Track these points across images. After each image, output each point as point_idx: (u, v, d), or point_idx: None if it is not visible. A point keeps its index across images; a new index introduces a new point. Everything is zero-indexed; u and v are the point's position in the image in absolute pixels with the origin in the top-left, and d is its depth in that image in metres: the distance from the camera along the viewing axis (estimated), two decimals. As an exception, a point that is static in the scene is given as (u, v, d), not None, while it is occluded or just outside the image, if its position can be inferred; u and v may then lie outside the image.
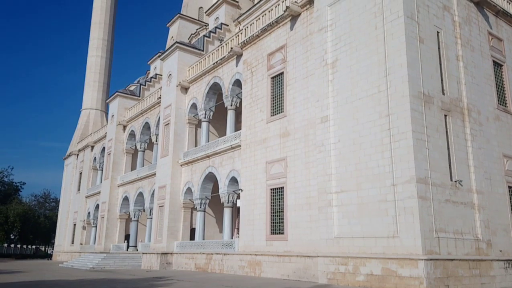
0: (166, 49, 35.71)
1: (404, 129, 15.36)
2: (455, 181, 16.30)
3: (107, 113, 57.09)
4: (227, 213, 26.44)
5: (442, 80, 17.20)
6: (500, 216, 17.86)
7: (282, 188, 21.15)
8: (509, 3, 22.73)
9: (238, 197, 24.55)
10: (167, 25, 46.79)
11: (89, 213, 46.57)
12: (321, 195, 18.13)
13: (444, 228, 15.23)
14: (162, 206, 30.26)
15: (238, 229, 26.40)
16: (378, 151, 16.16)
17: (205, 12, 40.67)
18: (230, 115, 27.65)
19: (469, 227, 16.32)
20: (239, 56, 26.52)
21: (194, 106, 30.95)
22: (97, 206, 44.07)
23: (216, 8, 37.42)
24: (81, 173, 52.24)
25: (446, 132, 16.71)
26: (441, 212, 15.28)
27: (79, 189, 51.62)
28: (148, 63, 49.05)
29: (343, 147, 17.65)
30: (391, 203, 15.31)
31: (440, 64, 17.36)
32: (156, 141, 34.84)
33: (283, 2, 23.31)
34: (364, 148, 16.72)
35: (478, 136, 18.00)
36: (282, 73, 22.54)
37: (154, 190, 32.60)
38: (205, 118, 29.86)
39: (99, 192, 43.55)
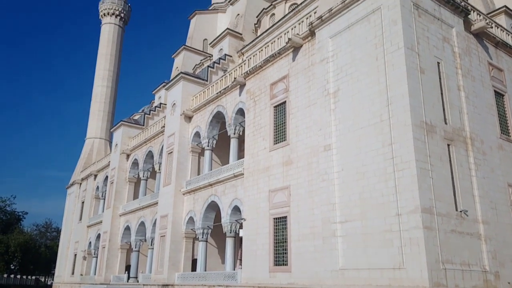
0: (170, 79, 36.32)
1: (407, 158, 15.32)
2: (461, 211, 16.09)
3: (111, 142, 57.39)
4: (229, 243, 26.05)
5: (444, 109, 17.29)
6: (508, 247, 17.50)
7: (285, 217, 20.91)
8: (508, 34, 23.14)
9: (241, 227, 24.25)
10: (172, 56, 47.75)
11: (90, 243, 46.00)
12: (325, 225, 17.89)
13: (451, 259, 14.91)
14: (164, 235, 29.89)
15: (240, 259, 25.92)
16: (381, 180, 16.06)
17: (210, 44, 41.58)
18: (233, 143, 27.74)
19: (476, 258, 15.96)
20: (242, 85, 26.88)
21: (197, 134, 31.13)
22: (98, 236, 43.59)
23: (220, 40, 38.27)
24: (83, 202, 52.00)
25: (450, 161, 16.64)
26: (447, 243, 15.00)
27: (80, 219, 51.23)
28: (153, 92, 49.77)
29: (346, 176, 17.57)
30: (396, 233, 15.07)
31: (442, 94, 17.49)
32: (159, 169, 34.83)
33: (285, 34, 23.82)
34: (367, 177, 16.63)
35: (482, 165, 17.89)
36: (284, 102, 22.75)
37: (156, 220, 32.31)
38: (208, 146, 29.96)
39: (101, 222, 43.17)
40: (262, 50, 25.55)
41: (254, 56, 26.22)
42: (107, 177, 44.99)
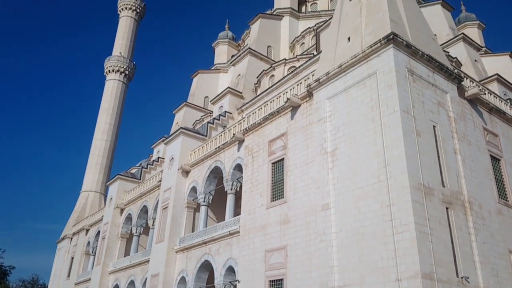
0: (170, 133, 36.72)
1: (406, 221, 15.07)
2: (462, 277, 15.55)
3: (105, 196, 56.71)
4: (222, 305, 24.83)
5: (441, 172, 17.33)
6: (514, 318, 16.71)
7: (281, 280, 20.12)
8: (501, 101, 23.84)
9: (235, 288, 23.26)
10: (173, 112, 48.68)
11: (75, 301, 43.85)
12: (322, 289, 17.16)
13: (455, 330, 14.15)
14: (154, 295, 28.56)
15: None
16: (381, 243, 15.68)
17: (211, 101, 42.59)
18: (230, 199, 27.43)
19: (482, 330, 15.16)
20: (241, 141, 27.14)
21: (194, 189, 30.86)
22: (84, 294, 41.63)
23: (221, 98, 39.27)
24: (73, 258, 50.25)
25: (449, 225, 16.37)
26: (450, 312, 14.32)
27: (69, 275, 49.19)
28: (152, 147, 50.04)
29: (345, 237, 17.17)
30: (396, 299, 14.43)
31: (438, 156, 17.63)
32: (153, 225, 34.08)
33: (284, 94, 24.50)
34: (366, 239, 16.26)
35: (482, 230, 17.60)
36: (282, 159, 22.84)
37: (146, 279, 31.03)
38: (204, 202, 29.58)
39: (89, 279, 41.43)
40: (261, 108, 26.12)
41: (253, 113, 26.75)
42: (99, 232, 43.90)
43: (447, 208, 16.65)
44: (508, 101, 25.30)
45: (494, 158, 21.08)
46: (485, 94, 22.42)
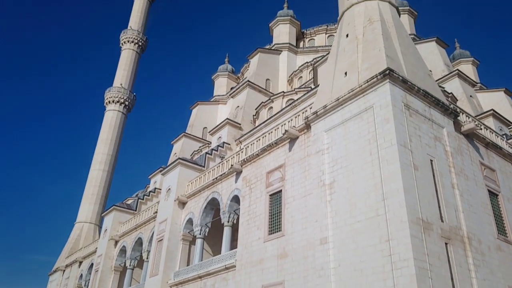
0: (168, 164, 36.63)
1: (405, 256, 14.83)
2: (464, 316, 15.14)
3: (100, 227, 55.84)
4: None
5: (439, 207, 17.22)
6: None
7: (277, 316, 19.54)
8: (497, 136, 24.03)
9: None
10: (172, 143, 48.76)
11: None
12: (319, 326, 16.65)
13: None
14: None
15: None
16: (380, 279, 15.35)
17: (209, 132, 42.83)
18: (226, 231, 27.03)
19: None
20: (238, 173, 27.06)
21: (190, 221, 30.46)
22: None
23: (219, 129, 39.52)
24: (63, 290, 48.92)
25: (449, 261, 16.10)
26: None
27: (58, 309, 47.76)
28: (149, 177, 49.80)
29: (343, 272, 16.83)
30: (396, 338, 13.97)
31: (436, 191, 17.57)
32: (147, 258, 33.38)
33: (282, 126, 24.69)
34: (365, 274, 15.93)
35: (482, 266, 17.30)
36: (280, 190, 22.71)
37: (139, 313, 30.09)
38: (200, 234, 29.12)
39: (80, 313, 40.18)
40: (259, 140, 26.23)
41: (251, 144, 26.84)
42: (92, 264, 42.95)
43: (446, 244, 16.42)
44: (504, 136, 25.52)
45: (492, 193, 21.01)
46: (481, 129, 22.64)
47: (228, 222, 27.02)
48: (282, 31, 51.33)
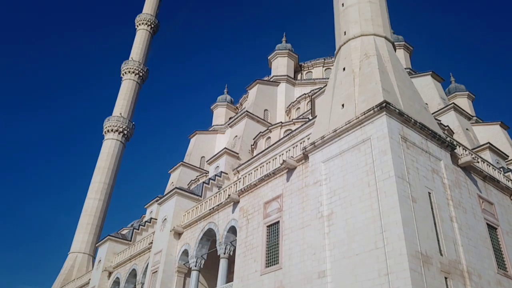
0: (164, 193, 36.34)
1: (404, 290, 14.52)
2: None
3: (94, 257, 54.69)
4: None
5: (438, 240, 17.03)
6: None
7: None
8: (495, 169, 24.07)
9: None
10: (169, 172, 48.59)
11: None
12: None
13: None
14: None
15: None
16: (378, 314, 14.96)
17: (207, 161, 42.78)
18: (223, 264, 26.49)
19: None
20: (236, 203, 26.82)
21: (185, 252, 29.90)
22: None
23: (217, 158, 39.50)
24: (53, 323, 47.33)
25: (449, 296, 15.77)
26: None
27: None
28: (145, 207, 49.26)
29: (341, 307, 16.41)
30: None
31: (435, 224, 17.42)
32: (141, 290, 32.56)
33: (280, 156, 24.72)
34: (363, 309, 15.53)
35: (484, 302, 16.93)
36: (278, 222, 22.45)
37: None
38: (195, 266, 28.52)
39: None
40: (257, 169, 26.17)
41: (249, 174, 26.75)
42: (84, 295, 41.77)
43: (446, 278, 16.13)
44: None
45: (490, 227, 20.83)
46: (478, 162, 22.72)
47: (225, 253, 26.54)
48: (281, 64, 52.34)
